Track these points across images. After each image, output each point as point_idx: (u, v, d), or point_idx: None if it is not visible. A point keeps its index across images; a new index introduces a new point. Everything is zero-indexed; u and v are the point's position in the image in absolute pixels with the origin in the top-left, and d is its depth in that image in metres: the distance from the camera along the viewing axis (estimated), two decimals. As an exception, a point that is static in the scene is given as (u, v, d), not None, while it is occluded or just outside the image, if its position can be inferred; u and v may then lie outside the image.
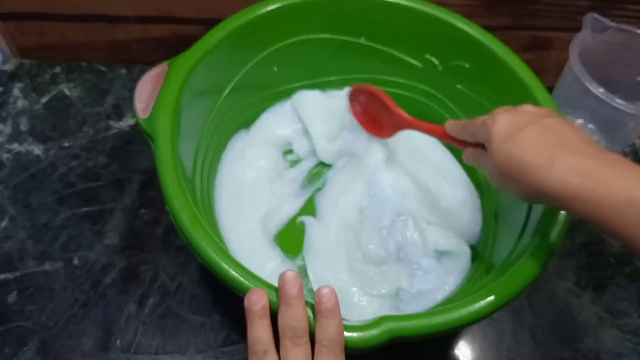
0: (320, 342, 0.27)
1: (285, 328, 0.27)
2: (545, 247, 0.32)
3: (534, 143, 0.28)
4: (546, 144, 0.27)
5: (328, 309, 0.27)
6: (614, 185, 0.25)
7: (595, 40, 0.47)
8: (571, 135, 0.28)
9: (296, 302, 0.27)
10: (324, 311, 0.27)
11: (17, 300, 0.42)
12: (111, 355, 0.40)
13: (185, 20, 0.53)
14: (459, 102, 0.46)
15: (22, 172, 0.49)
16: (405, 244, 0.42)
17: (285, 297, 0.28)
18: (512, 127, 0.29)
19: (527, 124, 0.28)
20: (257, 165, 0.45)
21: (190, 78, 0.38)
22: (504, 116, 0.29)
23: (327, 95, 0.50)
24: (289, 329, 0.27)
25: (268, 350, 0.27)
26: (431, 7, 0.43)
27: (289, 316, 0.27)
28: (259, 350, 0.27)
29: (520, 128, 0.28)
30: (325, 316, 0.27)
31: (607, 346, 0.43)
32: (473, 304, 0.30)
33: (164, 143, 0.34)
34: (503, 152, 0.28)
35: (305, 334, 0.27)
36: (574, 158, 0.26)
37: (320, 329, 0.27)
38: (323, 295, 0.28)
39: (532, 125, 0.28)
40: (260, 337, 0.27)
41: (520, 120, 0.29)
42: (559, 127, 0.28)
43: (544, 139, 0.28)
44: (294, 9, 0.43)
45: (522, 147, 0.28)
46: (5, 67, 0.56)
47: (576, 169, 0.26)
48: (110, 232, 0.46)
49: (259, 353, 0.27)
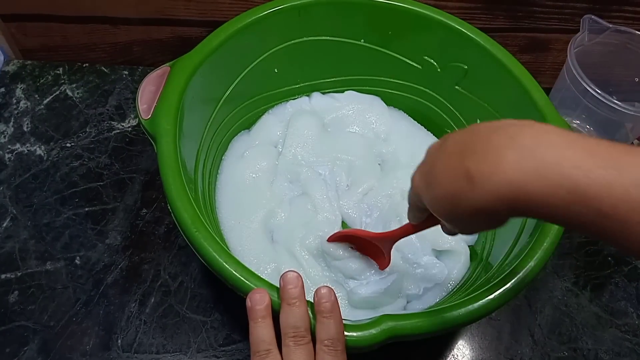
0: (321, 341, 0.27)
1: (288, 328, 0.27)
2: (543, 247, 0.33)
3: (446, 172, 0.23)
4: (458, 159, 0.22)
5: (327, 308, 0.28)
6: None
7: (593, 42, 0.47)
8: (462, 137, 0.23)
9: (298, 302, 0.28)
10: (323, 311, 0.28)
11: (18, 299, 0.42)
12: (112, 354, 0.40)
13: (187, 22, 0.54)
14: (458, 103, 0.46)
15: (24, 172, 0.49)
16: (404, 244, 0.42)
17: (287, 297, 0.28)
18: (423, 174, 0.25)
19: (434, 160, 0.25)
20: (257, 166, 0.45)
21: (192, 80, 0.38)
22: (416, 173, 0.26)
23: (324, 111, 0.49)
24: (291, 328, 0.27)
25: (271, 350, 0.27)
26: (430, 9, 0.44)
27: (291, 316, 0.27)
28: (262, 350, 0.27)
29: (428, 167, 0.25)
30: (325, 316, 0.27)
31: (606, 345, 0.43)
32: (472, 304, 0.30)
33: (166, 143, 0.35)
34: (418, 176, 0.25)
35: (307, 334, 0.27)
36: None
37: (320, 329, 0.27)
38: (322, 295, 0.28)
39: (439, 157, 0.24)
40: (262, 337, 0.27)
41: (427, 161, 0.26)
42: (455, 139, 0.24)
43: (452, 164, 0.23)
44: (294, 11, 0.43)
45: (438, 184, 0.24)
46: (7, 68, 0.57)
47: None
48: (111, 232, 0.46)
49: (261, 352, 0.27)
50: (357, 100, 0.50)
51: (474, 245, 0.44)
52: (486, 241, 0.43)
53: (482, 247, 0.42)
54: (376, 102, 0.51)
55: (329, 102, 0.50)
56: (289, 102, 0.50)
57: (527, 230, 0.36)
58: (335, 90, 0.51)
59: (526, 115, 0.40)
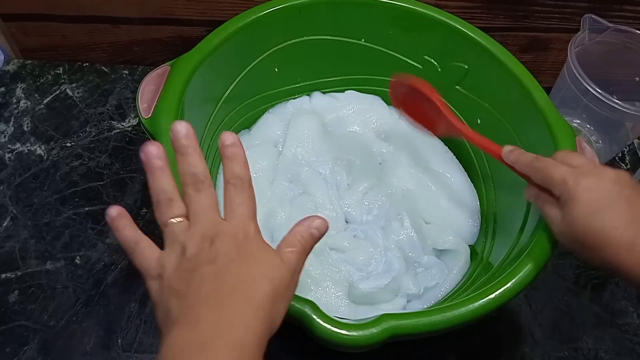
0: (227, 180, 0.26)
1: (185, 176, 0.26)
2: (544, 246, 0.33)
3: (619, 221, 0.28)
4: (629, 222, 0.27)
5: (231, 151, 0.27)
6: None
7: (593, 41, 0.47)
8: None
9: (190, 150, 0.26)
10: (227, 154, 0.27)
11: (18, 299, 0.42)
12: (112, 354, 0.40)
13: (187, 21, 0.54)
14: (458, 103, 0.46)
15: (25, 171, 0.49)
16: (404, 243, 0.42)
17: (179, 147, 0.26)
18: (599, 199, 0.28)
19: (614, 198, 0.28)
20: (258, 166, 0.45)
21: (192, 79, 0.38)
22: (588, 182, 0.29)
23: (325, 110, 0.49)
24: (189, 176, 0.26)
25: (172, 199, 0.26)
26: (430, 9, 0.44)
27: (186, 164, 0.26)
28: (163, 199, 0.26)
29: (606, 203, 0.28)
30: (229, 157, 0.27)
31: (607, 345, 0.43)
32: (472, 303, 0.30)
33: (167, 143, 0.34)
34: (585, 223, 0.28)
35: (206, 179, 0.26)
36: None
37: (225, 170, 0.27)
38: (225, 138, 0.27)
39: (618, 201, 0.28)
40: (163, 186, 0.26)
41: (605, 191, 0.29)
42: (638, 200, 0.28)
43: (628, 217, 0.28)
44: (294, 10, 0.43)
45: (606, 223, 0.28)
46: (8, 67, 0.57)
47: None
48: (111, 232, 0.46)
49: (162, 201, 0.26)
50: (358, 100, 0.50)
51: (475, 245, 0.44)
52: (487, 241, 0.43)
53: (483, 247, 0.42)
54: (376, 101, 0.51)
55: (329, 102, 0.50)
56: (290, 102, 0.50)
57: (528, 230, 0.36)
58: (335, 90, 0.51)
59: (526, 114, 0.40)
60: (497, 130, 0.43)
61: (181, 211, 0.26)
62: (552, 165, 0.31)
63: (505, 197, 0.43)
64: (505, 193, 0.43)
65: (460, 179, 0.47)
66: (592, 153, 0.37)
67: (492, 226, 0.43)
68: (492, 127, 0.43)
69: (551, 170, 0.31)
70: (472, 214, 0.45)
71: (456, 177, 0.47)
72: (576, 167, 0.30)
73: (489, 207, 0.45)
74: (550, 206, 0.31)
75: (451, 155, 0.49)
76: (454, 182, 0.47)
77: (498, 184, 0.44)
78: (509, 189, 0.42)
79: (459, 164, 0.48)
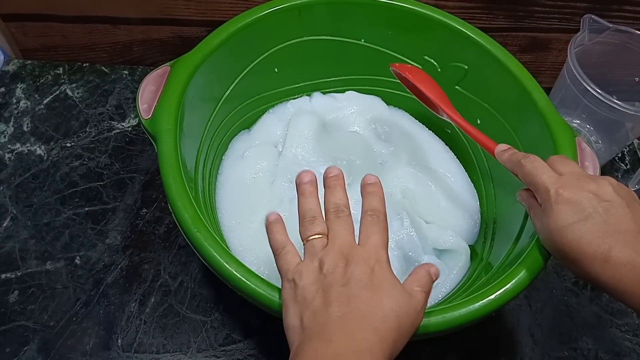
0: (365, 211, 0.30)
1: (329, 204, 0.31)
2: (543, 247, 0.33)
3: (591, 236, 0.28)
4: (604, 236, 0.27)
5: (372, 189, 0.31)
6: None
7: (593, 41, 0.47)
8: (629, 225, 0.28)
9: (338, 187, 0.31)
10: (369, 190, 0.31)
11: (18, 299, 0.42)
12: (112, 354, 0.40)
13: (187, 22, 0.54)
14: (458, 103, 0.46)
15: (24, 172, 0.49)
16: (404, 243, 0.42)
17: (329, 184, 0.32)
18: (575, 212, 0.28)
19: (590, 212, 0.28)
20: (258, 166, 0.45)
21: (192, 79, 0.38)
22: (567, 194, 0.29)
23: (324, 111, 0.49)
24: (332, 204, 0.30)
25: (316, 217, 0.30)
26: (430, 9, 0.44)
27: (331, 196, 0.31)
28: (309, 217, 0.30)
29: (581, 216, 0.28)
30: (370, 192, 0.31)
31: (606, 345, 0.43)
32: (472, 304, 0.30)
33: (167, 143, 0.35)
34: (561, 235, 0.29)
35: (346, 209, 0.30)
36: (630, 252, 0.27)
37: (365, 203, 0.31)
38: (368, 179, 0.32)
39: (594, 214, 0.28)
40: (310, 206, 0.30)
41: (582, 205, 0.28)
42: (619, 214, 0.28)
43: (603, 231, 0.28)
44: (294, 11, 0.43)
45: (580, 237, 0.28)
46: (7, 67, 0.57)
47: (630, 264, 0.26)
48: (112, 232, 0.46)
49: (307, 219, 0.30)
50: (358, 100, 0.50)
51: (475, 245, 0.44)
52: (487, 241, 0.43)
53: (483, 247, 0.42)
54: (376, 101, 0.51)
55: (329, 102, 0.50)
56: (290, 102, 0.50)
57: (528, 230, 0.36)
58: (335, 90, 0.51)
59: (526, 115, 0.40)
60: (497, 131, 0.43)
61: (322, 229, 0.29)
62: (540, 170, 0.31)
63: (506, 198, 0.43)
64: (506, 193, 0.43)
65: (460, 178, 0.47)
66: (592, 153, 0.37)
67: (492, 226, 0.43)
68: (492, 127, 0.43)
69: (538, 176, 0.31)
70: (472, 214, 0.45)
71: (456, 177, 0.47)
72: (561, 176, 0.30)
73: (489, 207, 0.45)
74: (535, 212, 0.31)
75: (452, 155, 0.49)
76: (454, 182, 0.47)
77: (498, 184, 0.45)
78: (509, 189, 0.42)
79: (459, 164, 0.48)
